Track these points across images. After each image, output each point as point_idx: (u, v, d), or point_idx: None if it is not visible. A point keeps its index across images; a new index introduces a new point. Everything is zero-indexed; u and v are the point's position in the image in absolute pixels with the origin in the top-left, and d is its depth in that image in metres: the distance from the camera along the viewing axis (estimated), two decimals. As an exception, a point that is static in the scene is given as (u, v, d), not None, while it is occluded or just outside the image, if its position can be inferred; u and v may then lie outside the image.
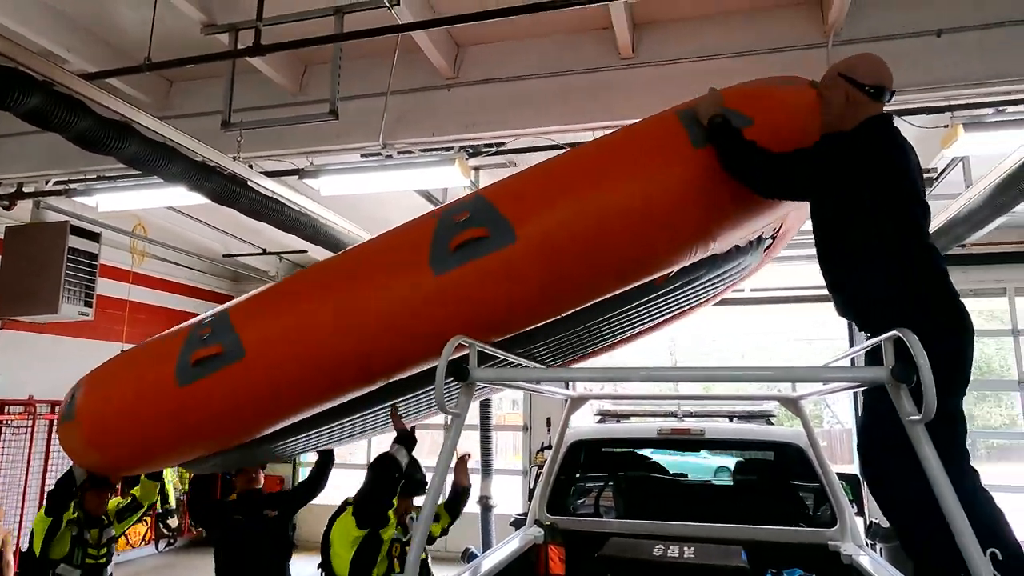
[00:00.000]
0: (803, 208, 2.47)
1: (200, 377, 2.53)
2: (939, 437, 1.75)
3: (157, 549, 9.09)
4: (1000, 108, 4.38)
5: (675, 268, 2.46)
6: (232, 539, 4.03)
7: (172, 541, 9.30)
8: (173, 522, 9.15)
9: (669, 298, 2.91)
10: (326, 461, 4.35)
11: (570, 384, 7.10)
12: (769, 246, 3.12)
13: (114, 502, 4.12)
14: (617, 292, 2.44)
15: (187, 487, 9.09)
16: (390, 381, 2.62)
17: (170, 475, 9.06)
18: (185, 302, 9.91)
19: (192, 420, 2.60)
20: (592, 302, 2.45)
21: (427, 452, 15.54)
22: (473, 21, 3.61)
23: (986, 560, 1.66)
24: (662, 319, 3.46)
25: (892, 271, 2.07)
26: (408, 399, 3.20)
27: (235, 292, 10.87)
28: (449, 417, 1.99)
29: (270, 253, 9.52)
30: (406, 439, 3.43)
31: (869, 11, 4.29)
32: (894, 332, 1.75)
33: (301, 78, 5.28)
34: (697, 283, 2.83)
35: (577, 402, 4.32)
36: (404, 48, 4.71)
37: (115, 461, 2.98)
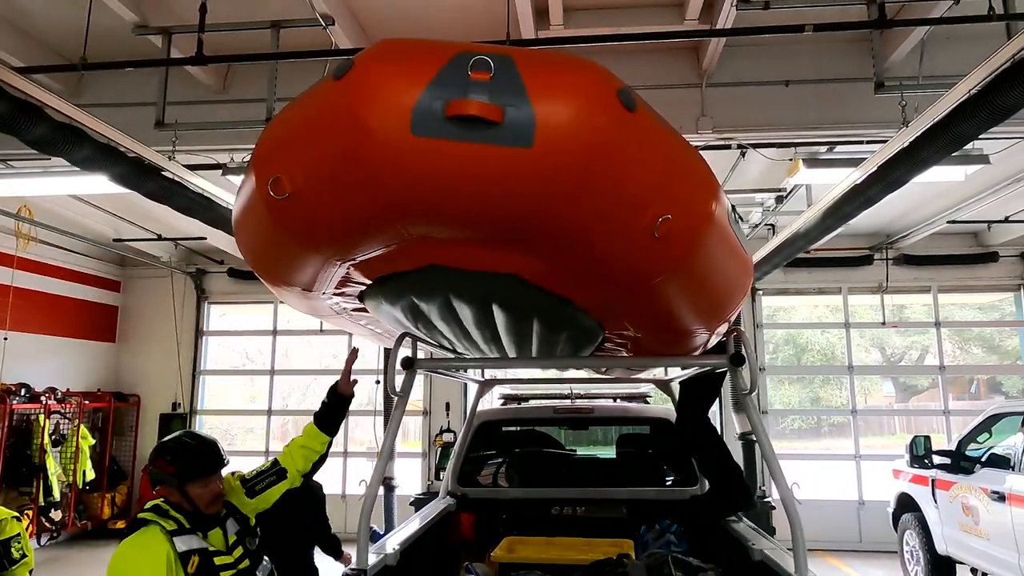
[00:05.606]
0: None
1: None
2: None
3: (39, 543, 8.74)
4: (831, 147, 5.40)
5: None
6: None
7: (55, 535, 8.98)
8: (56, 515, 8.83)
9: None
10: None
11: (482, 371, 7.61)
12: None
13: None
14: None
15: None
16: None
17: (53, 467, 8.75)
18: (74, 288, 9.56)
19: None
20: None
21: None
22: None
23: (790, 489, 2.40)
24: None
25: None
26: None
27: (122, 277, 10.57)
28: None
29: (166, 239, 9.35)
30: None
31: (735, 60, 5.15)
32: (735, 328, 2.46)
33: (225, 76, 5.46)
34: None
35: (486, 387, 4.88)
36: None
37: None
